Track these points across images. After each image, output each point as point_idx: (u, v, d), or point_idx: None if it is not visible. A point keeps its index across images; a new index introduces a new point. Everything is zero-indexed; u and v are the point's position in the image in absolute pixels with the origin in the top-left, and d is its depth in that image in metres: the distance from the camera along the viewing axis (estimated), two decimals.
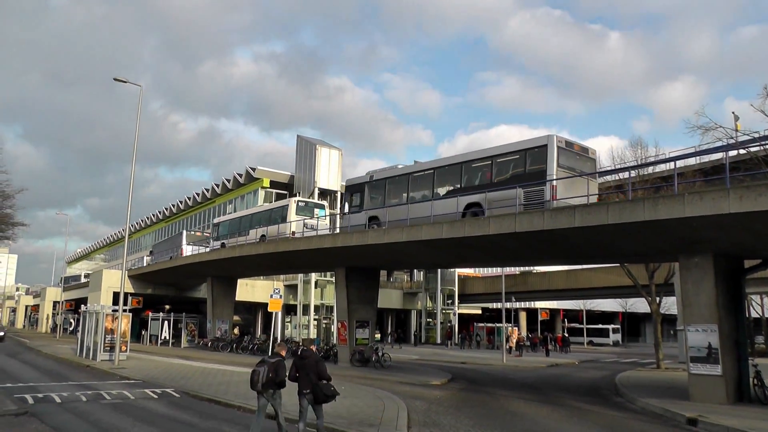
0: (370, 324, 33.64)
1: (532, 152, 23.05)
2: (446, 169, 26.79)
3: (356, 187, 31.23)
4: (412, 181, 28.22)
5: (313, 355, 12.54)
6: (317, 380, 12.07)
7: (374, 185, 30.17)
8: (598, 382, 29.20)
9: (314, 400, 12.15)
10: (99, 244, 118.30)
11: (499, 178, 24.17)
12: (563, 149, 22.54)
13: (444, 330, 68.61)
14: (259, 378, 12.03)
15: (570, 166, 22.67)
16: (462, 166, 25.92)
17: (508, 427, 15.39)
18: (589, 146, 24.18)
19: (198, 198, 75.62)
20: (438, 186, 26.76)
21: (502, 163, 24.39)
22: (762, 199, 15.64)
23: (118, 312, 30.73)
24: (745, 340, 22.00)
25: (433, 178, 26.98)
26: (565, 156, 22.55)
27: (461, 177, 25.74)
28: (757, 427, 14.84)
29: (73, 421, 14.80)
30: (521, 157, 23.52)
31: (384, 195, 29.39)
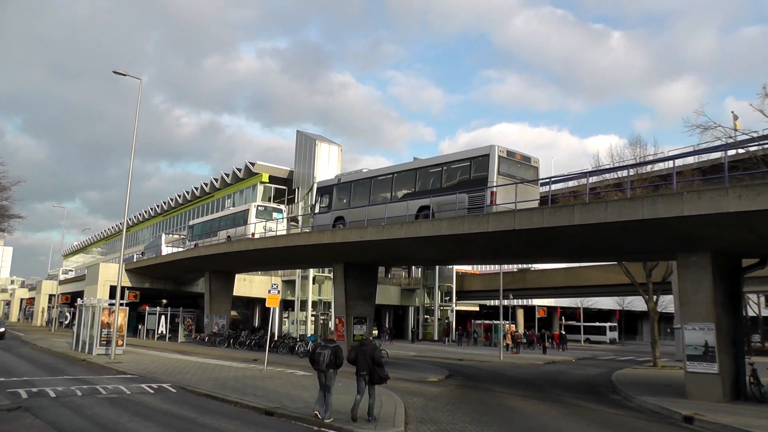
0: (368, 320, 33.62)
1: (476, 160, 25.03)
2: (403, 174, 28.75)
3: (325, 189, 33.11)
4: (374, 184, 30.02)
5: (371, 344, 14.91)
6: (373, 365, 14.26)
7: (341, 187, 31.95)
8: (595, 379, 29.25)
9: (370, 381, 14.30)
10: (96, 237, 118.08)
11: (448, 183, 25.98)
12: (504, 158, 24.48)
13: (442, 327, 68.63)
14: (322, 359, 14.37)
15: (511, 173, 24.54)
16: (416, 172, 28.08)
17: (505, 423, 15.41)
18: (531, 155, 25.92)
19: (197, 192, 75.59)
20: (396, 190, 28.69)
21: (450, 170, 26.29)
22: (761, 198, 15.66)
23: (115, 306, 30.64)
24: (742, 339, 22.09)
25: (392, 183, 28.94)
26: (507, 164, 24.50)
27: (416, 182, 27.79)
28: (753, 425, 14.87)
29: (68, 415, 14.69)
30: (467, 164, 25.46)
31: (349, 197, 31.21)
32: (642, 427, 15.90)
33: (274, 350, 36.24)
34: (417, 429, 14.14)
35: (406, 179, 28.51)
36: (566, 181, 32.27)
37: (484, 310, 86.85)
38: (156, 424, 13.86)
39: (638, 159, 34.77)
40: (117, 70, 29.98)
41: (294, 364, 29.81)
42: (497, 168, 24.10)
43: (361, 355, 14.40)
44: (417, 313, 71.64)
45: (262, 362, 27.40)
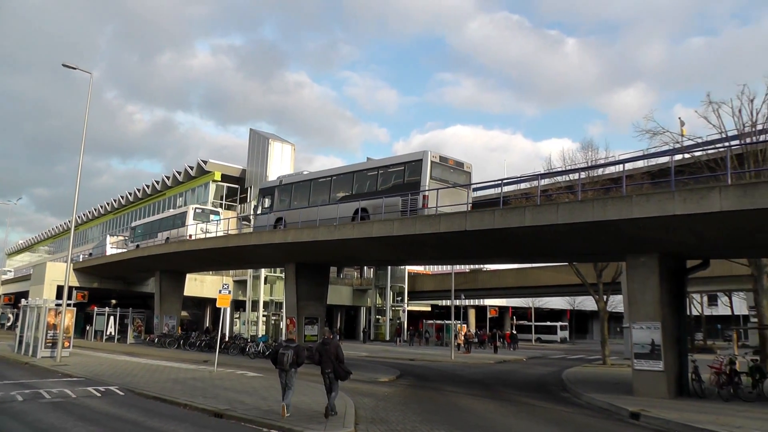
0: (320, 320, 33.51)
1: (410, 165, 26.05)
2: (341, 177, 29.60)
3: (268, 191, 34.01)
4: (314, 186, 30.95)
5: (334, 342, 15.31)
6: (337, 362, 14.85)
7: (283, 189, 32.86)
8: (545, 377, 29.56)
9: (335, 377, 14.87)
10: (44, 236, 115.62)
11: (383, 186, 26.95)
12: (437, 163, 25.59)
13: (393, 327, 68.70)
14: (286, 359, 14.87)
15: (443, 178, 25.58)
16: (354, 175, 28.93)
17: (455, 422, 15.47)
18: (464, 161, 27.07)
19: (148, 190, 74.56)
20: (334, 192, 29.53)
21: (386, 173, 27.28)
22: (704, 202, 16.07)
23: (62, 306, 30.03)
24: (686, 337, 22.61)
25: (330, 185, 29.86)
26: (439, 169, 25.58)
27: (353, 185, 28.67)
28: (694, 420, 15.25)
29: (6, 422, 14.12)
30: (402, 169, 26.52)
31: (290, 198, 32.09)
32: (589, 423, 16.13)
33: (224, 351, 35.91)
34: (367, 429, 14.13)
35: (344, 182, 29.27)
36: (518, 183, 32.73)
37: (436, 310, 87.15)
38: (102, 428, 13.54)
39: (590, 162, 35.33)
40: (67, 63, 29.31)
41: (245, 365, 29.57)
42: (429, 172, 25.10)
43: (325, 354, 14.86)
44: (369, 314, 71.58)
45: (213, 363, 27.12)
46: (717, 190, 16.06)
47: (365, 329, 69.38)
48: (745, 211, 15.64)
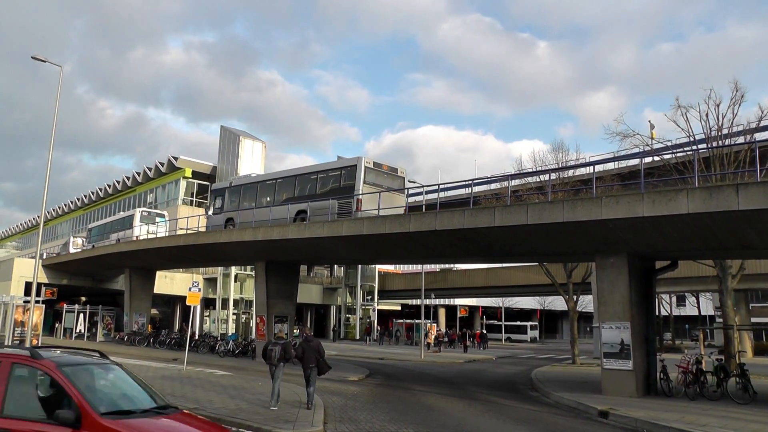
0: (289, 319, 33.41)
1: (346, 170, 27.94)
2: (285, 180, 31.34)
3: (219, 192, 35.75)
4: (260, 188, 32.74)
5: (316, 340, 17.06)
6: (320, 358, 16.44)
7: (233, 191, 34.55)
8: (514, 377, 29.72)
9: (318, 372, 16.41)
10: (11, 231, 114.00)
11: (321, 190, 28.84)
12: (371, 169, 27.41)
13: (363, 326, 68.71)
14: (274, 355, 16.47)
15: (378, 183, 27.35)
16: (296, 179, 30.67)
17: (423, 421, 15.50)
18: (398, 167, 29.09)
19: (118, 186, 73.80)
20: (279, 194, 31.21)
21: (324, 178, 29.18)
22: (672, 204, 16.28)
23: (30, 303, 29.66)
24: (654, 337, 22.83)
25: (275, 187, 31.64)
26: (373, 174, 27.38)
27: (295, 188, 30.37)
28: (661, 418, 15.43)
29: None
30: (338, 173, 28.40)
31: (239, 199, 33.78)
32: (558, 422, 16.22)
33: (194, 350, 35.74)
34: (335, 428, 14.09)
35: (287, 185, 30.96)
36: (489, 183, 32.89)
37: (405, 310, 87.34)
38: None
39: (560, 164, 35.57)
40: (36, 56, 28.92)
41: (214, 364, 29.41)
42: (363, 177, 26.92)
43: (308, 350, 16.42)
44: (339, 312, 71.51)
45: (182, 362, 26.94)
46: (684, 192, 16.27)
47: (335, 328, 69.34)
48: (711, 213, 15.87)
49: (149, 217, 46.31)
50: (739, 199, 15.29)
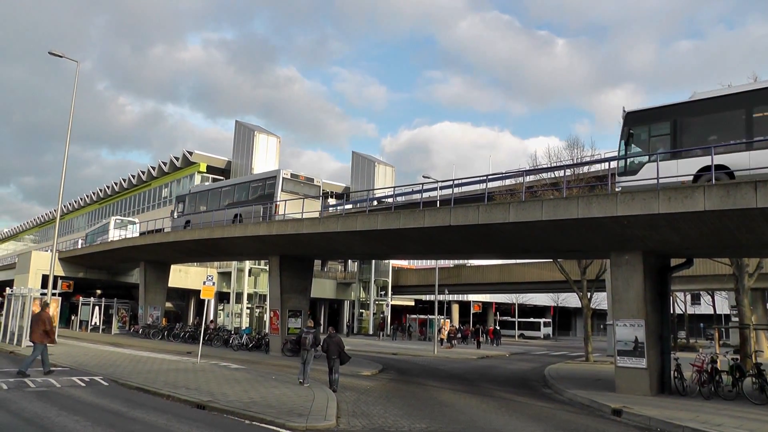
0: (303, 313, 33.51)
1: (268, 181, 33.65)
2: (228, 188, 37.60)
3: (181, 198, 41.87)
4: (210, 195, 38.51)
5: (337, 336, 20.06)
6: (341, 350, 19.50)
7: (192, 197, 40.18)
8: (527, 373, 29.65)
9: (340, 363, 19.44)
10: (29, 224, 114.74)
11: (252, 197, 34.38)
12: (288, 179, 32.99)
13: (377, 321, 68.76)
14: (308, 341, 19.80)
15: (295, 191, 32.40)
16: (234, 187, 36.87)
17: (436, 417, 15.49)
18: (314, 177, 35.13)
19: (134, 180, 74.14)
20: (222, 200, 36.71)
21: (254, 187, 34.93)
22: (688, 201, 16.13)
23: (47, 296, 29.82)
24: (669, 335, 22.68)
25: (220, 194, 37.43)
26: (291, 184, 32.85)
27: (233, 195, 36.29)
28: (675, 417, 15.32)
29: None
30: (263, 183, 34.14)
31: (196, 204, 39.27)
32: (571, 419, 16.15)
33: (208, 343, 35.91)
34: (348, 423, 14.11)
35: (229, 192, 36.86)
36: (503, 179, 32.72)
37: (419, 305, 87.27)
38: (85, 418, 13.43)
39: (575, 160, 35.38)
40: (53, 51, 29.12)
41: (228, 357, 29.52)
42: (281, 186, 32.41)
43: (332, 344, 19.43)
44: (352, 307, 71.64)
45: (196, 355, 27.05)
46: (701, 189, 16.11)
47: (349, 323, 69.43)
48: (728, 210, 15.73)
49: (122, 223, 53.17)
50: (757, 197, 15.13)
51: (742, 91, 18.16)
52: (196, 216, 37.87)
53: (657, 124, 19.46)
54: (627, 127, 19.76)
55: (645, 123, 19.67)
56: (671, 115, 19.18)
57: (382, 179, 65.94)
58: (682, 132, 18.66)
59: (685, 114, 18.96)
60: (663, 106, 19.84)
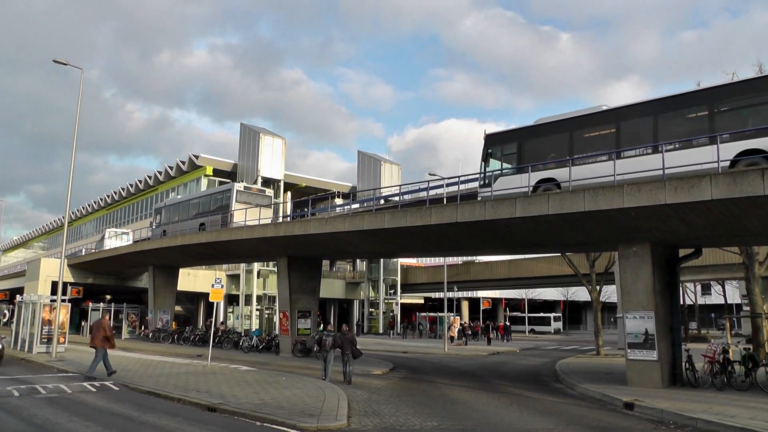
0: (312, 314, 33.53)
1: (225, 193, 38.47)
2: (193, 201, 42.00)
3: (158, 210, 46.26)
4: (181, 207, 42.69)
5: (350, 333, 22.92)
6: (354, 347, 21.79)
7: (167, 209, 44.65)
8: (538, 369, 29.60)
9: (353, 357, 21.59)
10: (38, 232, 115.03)
11: (213, 207, 38.69)
12: (241, 191, 37.69)
13: (387, 320, 68.79)
14: (328, 343, 22.01)
15: (248, 201, 36.40)
16: (199, 200, 41.29)
17: (447, 414, 15.45)
18: (265, 189, 42.13)
19: (141, 186, 74.15)
20: (192, 211, 40.80)
21: (215, 198, 39.28)
22: (694, 190, 16.06)
23: (57, 302, 29.91)
24: (679, 326, 22.60)
25: (189, 207, 41.60)
26: (244, 195, 37.49)
27: (199, 206, 40.51)
28: (688, 409, 15.24)
29: (3, 417, 14.08)
30: (222, 196, 38.62)
31: (170, 215, 43.51)
32: (583, 414, 16.10)
33: (218, 345, 35.99)
34: (360, 422, 14.08)
35: (195, 204, 41.15)
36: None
37: (429, 303, 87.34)
38: (96, 423, 13.47)
39: None
40: (58, 59, 29.18)
41: (238, 360, 29.55)
42: (235, 198, 36.85)
43: (345, 341, 21.72)
44: (362, 307, 71.74)
45: (206, 358, 27.08)
46: (708, 178, 16.03)
47: (358, 322, 69.48)
48: (735, 198, 15.64)
49: (117, 235, 56.24)
50: (764, 184, 15.03)
51: (567, 117, 21.73)
52: (171, 226, 42.13)
53: (508, 144, 23.01)
54: (486, 147, 23.28)
55: (499, 144, 23.22)
56: (518, 137, 22.84)
57: (389, 178, 65.97)
58: (525, 151, 22.24)
59: (528, 136, 22.54)
60: (512, 129, 23.69)
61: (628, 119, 20.14)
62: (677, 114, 19.34)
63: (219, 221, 36.40)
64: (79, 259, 55.08)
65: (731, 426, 13.39)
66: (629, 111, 20.38)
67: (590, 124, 21.06)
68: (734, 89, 18.66)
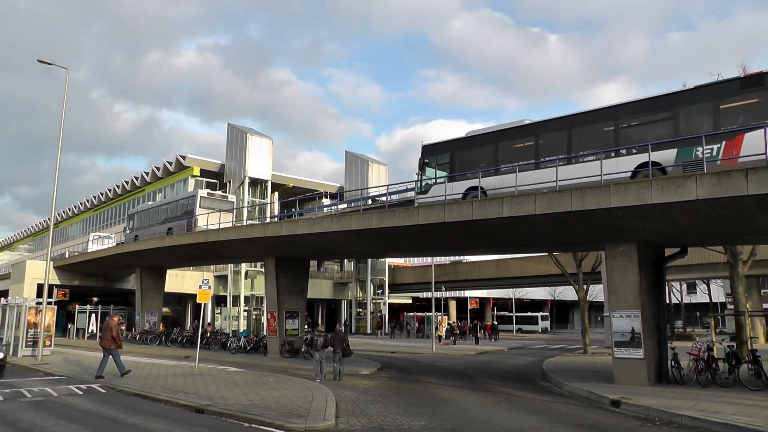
0: (300, 314, 33.52)
1: (190, 199, 40.07)
2: (165, 206, 43.67)
3: (131, 216, 48.34)
4: (151, 213, 44.93)
5: (342, 333, 23.81)
6: (345, 345, 22.76)
7: (139, 215, 46.73)
8: (526, 367, 29.71)
9: (343, 355, 22.58)
10: (23, 234, 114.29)
11: (180, 213, 40.45)
12: (204, 197, 39.68)
13: (375, 320, 68.81)
14: (319, 343, 22.46)
15: (212, 206, 38.63)
16: (168, 206, 43.09)
17: (435, 414, 15.49)
18: (227, 195, 45.39)
19: (127, 187, 73.77)
20: (160, 217, 43.02)
21: (180, 204, 41.08)
22: (680, 190, 16.21)
23: (42, 305, 29.76)
24: (665, 325, 22.75)
25: (158, 212, 43.77)
26: (208, 201, 39.42)
27: (167, 212, 42.38)
28: (673, 406, 15.40)
29: None
30: (187, 201, 40.19)
31: (141, 221, 45.67)
32: (570, 412, 16.18)
33: (206, 347, 35.91)
34: (348, 422, 14.10)
35: (165, 210, 42.96)
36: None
37: (416, 303, 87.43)
38: (83, 426, 13.40)
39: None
40: (42, 59, 29.00)
41: (226, 361, 29.51)
42: (198, 203, 38.65)
43: (336, 340, 22.71)
44: (350, 307, 71.68)
45: (194, 359, 27.04)
46: (693, 178, 16.17)
47: (346, 322, 69.43)
48: (720, 198, 15.78)
49: (100, 239, 56.09)
50: (748, 184, 15.19)
51: (493, 130, 23.40)
52: (142, 231, 44.21)
53: (442, 154, 24.57)
54: (422, 156, 24.91)
55: (434, 154, 24.81)
56: (450, 148, 24.38)
57: (376, 178, 66.07)
58: (457, 161, 23.90)
59: (459, 148, 24.13)
60: (446, 140, 24.95)
61: (546, 133, 21.77)
62: (588, 129, 20.73)
63: (185, 225, 38.34)
64: (66, 261, 54.83)
65: (715, 422, 13.56)
66: (547, 125, 21.93)
67: (513, 137, 22.58)
68: (635, 107, 20.11)
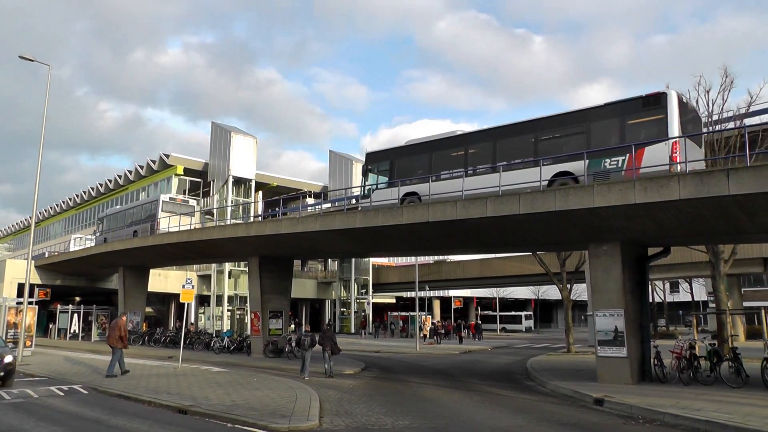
0: (284, 314, 33.44)
1: (154, 203, 41.89)
2: (131, 210, 45.97)
3: (101, 219, 50.41)
4: (119, 216, 46.98)
5: (330, 331, 26.18)
6: (333, 344, 23.76)
7: (108, 219, 48.61)
8: (509, 366, 29.78)
9: (331, 353, 23.47)
10: (4, 232, 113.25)
11: (145, 216, 42.41)
12: (166, 201, 41.34)
13: (358, 319, 68.77)
14: (307, 343, 23.05)
15: (173, 210, 39.82)
16: (134, 209, 45.59)
17: (419, 413, 15.50)
18: (190, 198, 46.00)
19: (111, 185, 73.20)
20: (127, 220, 45.00)
21: (145, 208, 43.26)
22: (663, 190, 16.31)
23: (23, 304, 29.52)
24: (648, 323, 22.88)
25: (125, 216, 45.86)
26: (170, 205, 41.04)
27: (133, 216, 44.45)
28: (656, 404, 15.50)
29: None
30: (151, 205, 42.37)
31: (110, 224, 47.42)
32: (554, 410, 16.23)
33: (189, 347, 35.77)
34: (332, 422, 14.08)
35: (132, 213, 45.03)
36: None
37: (401, 302, 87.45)
38: (64, 428, 13.28)
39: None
40: (23, 55, 28.74)
41: (209, 361, 29.41)
42: (161, 208, 40.46)
43: (326, 338, 23.75)
44: (334, 306, 71.60)
45: (178, 359, 26.92)
46: (676, 179, 16.29)
47: (330, 322, 69.34)
48: (702, 198, 15.90)
49: (81, 240, 57.80)
50: (729, 184, 15.32)
51: (429, 140, 24.65)
52: (111, 233, 45.68)
53: (383, 162, 25.72)
54: (366, 163, 26.22)
55: (376, 161, 25.98)
56: (391, 156, 25.58)
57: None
58: (396, 168, 24.99)
59: (398, 155, 25.26)
60: (387, 149, 26.37)
61: (474, 143, 23.20)
62: (511, 140, 22.18)
63: (148, 228, 40.26)
64: (47, 260, 54.31)
65: (697, 419, 13.65)
66: (475, 136, 23.53)
67: (446, 146, 23.85)
68: (554, 121, 21.45)
